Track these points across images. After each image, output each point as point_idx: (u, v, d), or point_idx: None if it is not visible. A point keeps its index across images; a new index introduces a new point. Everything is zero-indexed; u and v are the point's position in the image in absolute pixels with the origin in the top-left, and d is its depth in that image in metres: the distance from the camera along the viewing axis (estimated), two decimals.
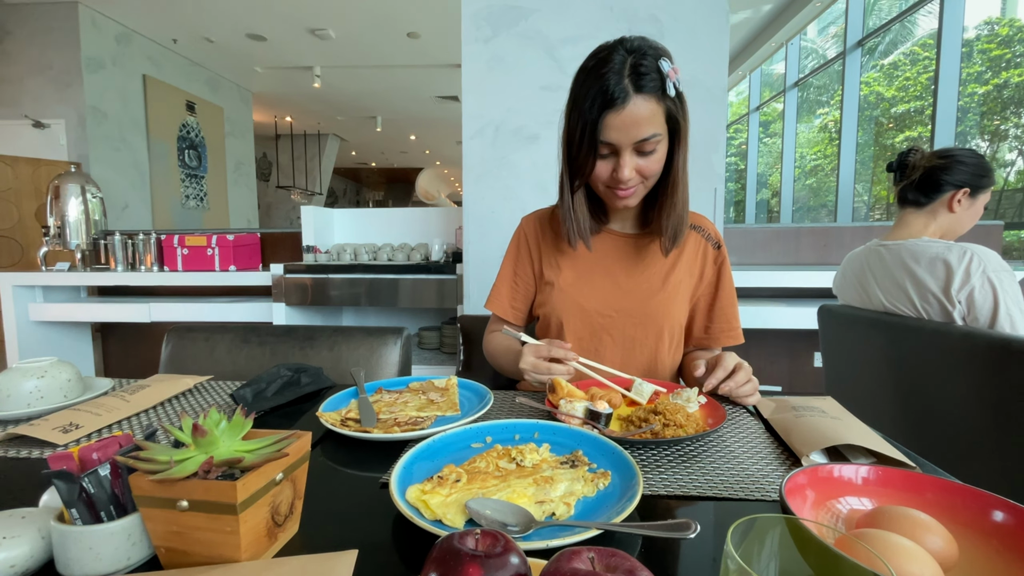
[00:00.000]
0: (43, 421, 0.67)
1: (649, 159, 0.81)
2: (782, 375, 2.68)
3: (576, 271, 0.97)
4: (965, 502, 0.42)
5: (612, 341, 0.94)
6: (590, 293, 0.95)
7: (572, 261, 0.98)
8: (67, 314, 2.78)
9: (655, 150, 0.81)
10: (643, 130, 0.78)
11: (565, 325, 0.95)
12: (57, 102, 3.99)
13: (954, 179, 1.23)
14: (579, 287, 0.96)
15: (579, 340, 0.95)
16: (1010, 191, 3.84)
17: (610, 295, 0.94)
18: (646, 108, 0.77)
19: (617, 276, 0.95)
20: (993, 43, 3.88)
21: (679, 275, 0.95)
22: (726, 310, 0.98)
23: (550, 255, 1.00)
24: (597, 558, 0.28)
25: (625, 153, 0.80)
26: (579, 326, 0.95)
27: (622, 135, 0.79)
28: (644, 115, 0.77)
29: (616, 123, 0.78)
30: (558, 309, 0.96)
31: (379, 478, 0.54)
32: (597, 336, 0.95)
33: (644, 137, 0.78)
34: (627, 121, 0.77)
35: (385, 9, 4.16)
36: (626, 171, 0.81)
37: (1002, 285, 1.10)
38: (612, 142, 0.80)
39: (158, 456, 0.38)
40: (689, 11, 1.97)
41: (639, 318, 0.93)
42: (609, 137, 0.79)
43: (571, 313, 0.95)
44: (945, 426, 1.15)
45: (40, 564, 0.39)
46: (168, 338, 1.14)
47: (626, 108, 0.77)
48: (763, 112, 6.50)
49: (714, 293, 0.98)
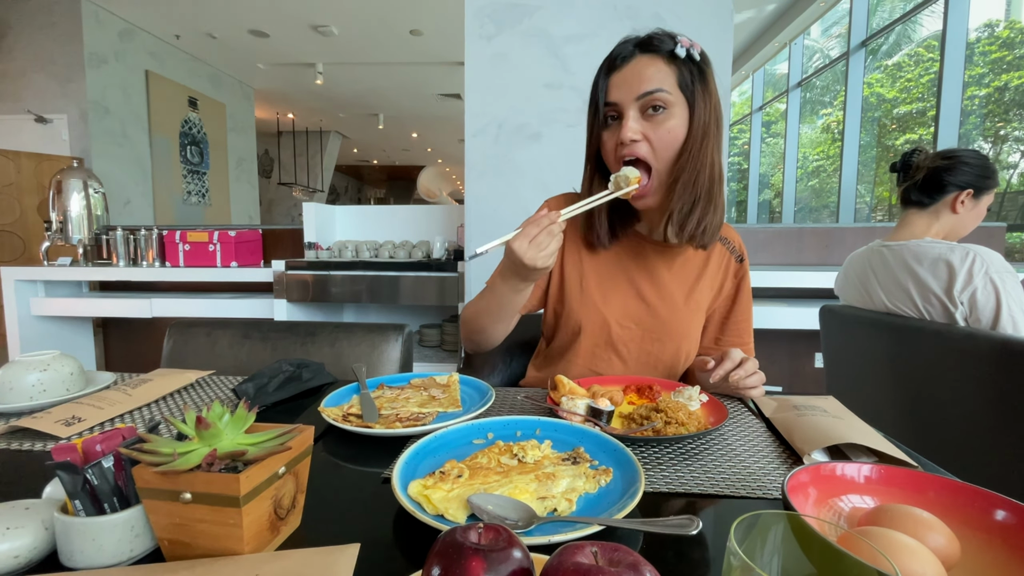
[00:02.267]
0: (45, 414, 0.67)
1: (656, 124, 0.75)
2: (783, 375, 2.68)
3: (599, 275, 0.91)
4: (967, 501, 0.42)
5: (628, 353, 0.91)
6: (613, 302, 0.90)
7: (595, 263, 0.92)
8: (69, 309, 2.78)
9: (663, 110, 0.74)
10: (645, 84, 0.73)
11: (583, 331, 0.90)
12: (59, 97, 3.99)
13: (958, 180, 1.23)
14: (602, 293, 0.90)
15: (594, 348, 0.91)
16: (1013, 193, 3.83)
17: (631, 306, 0.90)
18: (651, 65, 0.74)
19: (641, 286, 0.90)
20: (994, 46, 3.87)
21: (702, 291, 0.91)
22: (740, 325, 0.94)
23: (574, 251, 0.93)
24: (600, 552, 0.28)
25: (628, 111, 0.75)
26: (596, 333, 0.90)
27: (623, 91, 0.75)
28: (648, 71, 0.73)
29: (617, 80, 0.75)
30: (577, 313, 0.90)
31: (381, 473, 0.54)
32: (613, 346, 0.90)
33: (646, 90, 0.73)
34: (628, 76, 0.74)
35: (388, 6, 4.16)
36: (628, 129, 0.74)
37: (1005, 286, 1.10)
38: (615, 101, 0.76)
39: (162, 448, 0.38)
40: (693, 10, 1.97)
41: (658, 334, 0.89)
42: (612, 96, 0.76)
43: (590, 320, 0.90)
44: (946, 426, 1.15)
45: (43, 555, 0.39)
46: (170, 333, 1.14)
47: (628, 64, 0.75)
48: (766, 112, 6.49)
49: (730, 307, 0.94)
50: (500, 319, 0.86)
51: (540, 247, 0.70)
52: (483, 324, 0.88)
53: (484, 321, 0.87)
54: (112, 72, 4.22)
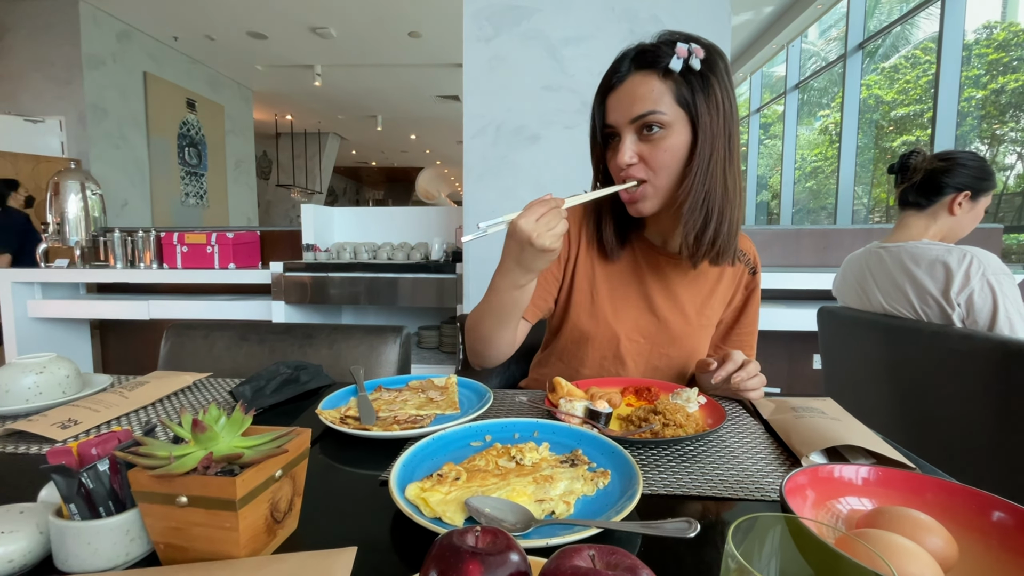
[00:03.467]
0: (41, 417, 0.67)
1: (654, 144, 0.73)
2: (781, 377, 2.68)
3: (611, 286, 0.89)
4: (965, 503, 0.42)
5: (635, 367, 0.89)
6: (624, 315, 0.88)
7: (608, 273, 0.89)
8: (66, 311, 2.77)
9: (657, 131, 0.72)
10: (638, 106, 0.71)
11: (591, 343, 0.89)
12: (57, 99, 3.98)
13: (955, 182, 1.23)
14: (613, 305, 0.88)
15: (602, 360, 0.90)
16: (1009, 195, 3.85)
17: (643, 320, 0.88)
18: (644, 83, 0.72)
19: (654, 299, 0.88)
20: (991, 47, 3.88)
21: (714, 306, 0.89)
22: (743, 337, 0.93)
23: (587, 260, 0.90)
24: (598, 555, 0.28)
25: (625, 134, 0.74)
26: (605, 346, 0.89)
27: (618, 114, 0.74)
28: (640, 91, 0.72)
29: (613, 103, 0.75)
30: (584, 323, 0.88)
31: (378, 476, 0.54)
32: (621, 359, 0.89)
33: (640, 113, 0.71)
34: (622, 98, 0.73)
35: (386, 8, 4.17)
36: (624, 154, 0.73)
37: (1001, 288, 1.10)
38: (611, 124, 0.75)
39: (157, 451, 0.38)
40: (691, 12, 1.97)
41: (667, 348, 0.88)
42: (609, 119, 0.75)
43: (600, 332, 0.88)
44: (943, 428, 1.15)
45: (38, 559, 0.39)
46: (167, 335, 1.13)
47: (623, 85, 0.73)
48: (764, 114, 6.51)
49: (737, 317, 0.93)
50: (502, 322, 0.80)
51: (548, 225, 0.66)
52: (486, 330, 0.82)
53: (487, 326, 0.81)
54: (110, 74, 4.21)
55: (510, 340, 0.84)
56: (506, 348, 0.85)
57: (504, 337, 0.82)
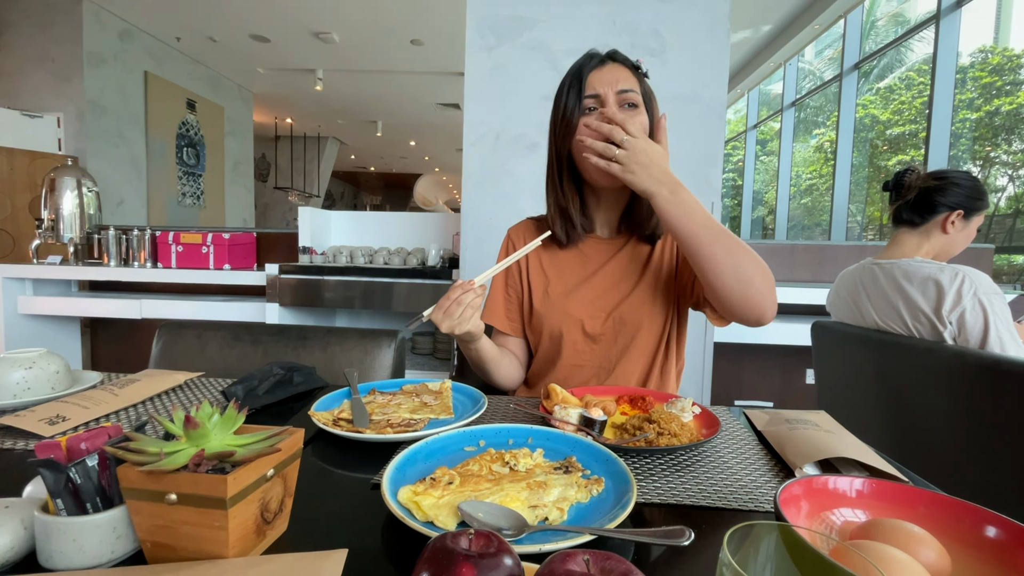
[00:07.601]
0: (29, 412, 0.66)
1: (631, 116, 0.84)
2: (774, 391, 2.68)
3: (562, 276, 0.97)
4: (957, 516, 0.42)
5: (607, 353, 0.94)
6: (582, 303, 0.94)
7: (557, 264, 0.98)
8: (57, 308, 2.74)
9: (637, 106, 0.85)
10: (623, 82, 0.85)
11: (561, 329, 0.94)
12: (56, 95, 3.97)
13: (948, 201, 1.25)
14: (566, 292, 0.95)
15: (576, 354, 0.95)
16: (1001, 216, 3.90)
17: (601, 304, 0.94)
18: (623, 71, 0.87)
19: (606, 285, 0.95)
20: (985, 71, 3.95)
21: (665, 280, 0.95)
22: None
23: (537, 265, 0.99)
24: (592, 561, 0.28)
25: (610, 99, 0.85)
26: (572, 331, 0.94)
27: (606, 86, 0.85)
28: (622, 74, 0.86)
29: (598, 77, 0.86)
30: (549, 317, 0.95)
31: (371, 479, 0.53)
32: (592, 339, 0.94)
33: (625, 88, 0.85)
34: (607, 76, 0.86)
35: (390, 15, 4.19)
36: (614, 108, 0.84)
37: (993, 308, 1.11)
38: (597, 93, 0.85)
39: (148, 448, 0.37)
40: (691, 28, 2.00)
41: (629, 316, 0.93)
42: (594, 89, 0.85)
43: (563, 320, 0.94)
44: (935, 443, 1.16)
45: (21, 556, 0.38)
46: (159, 334, 1.12)
47: (605, 67, 0.87)
48: (760, 130, 6.58)
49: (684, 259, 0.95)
50: (488, 366, 0.92)
51: (451, 316, 0.78)
52: (483, 373, 0.95)
53: (481, 371, 0.94)
54: (111, 72, 4.21)
55: (507, 371, 0.96)
56: (513, 373, 0.98)
57: (501, 371, 0.95)
